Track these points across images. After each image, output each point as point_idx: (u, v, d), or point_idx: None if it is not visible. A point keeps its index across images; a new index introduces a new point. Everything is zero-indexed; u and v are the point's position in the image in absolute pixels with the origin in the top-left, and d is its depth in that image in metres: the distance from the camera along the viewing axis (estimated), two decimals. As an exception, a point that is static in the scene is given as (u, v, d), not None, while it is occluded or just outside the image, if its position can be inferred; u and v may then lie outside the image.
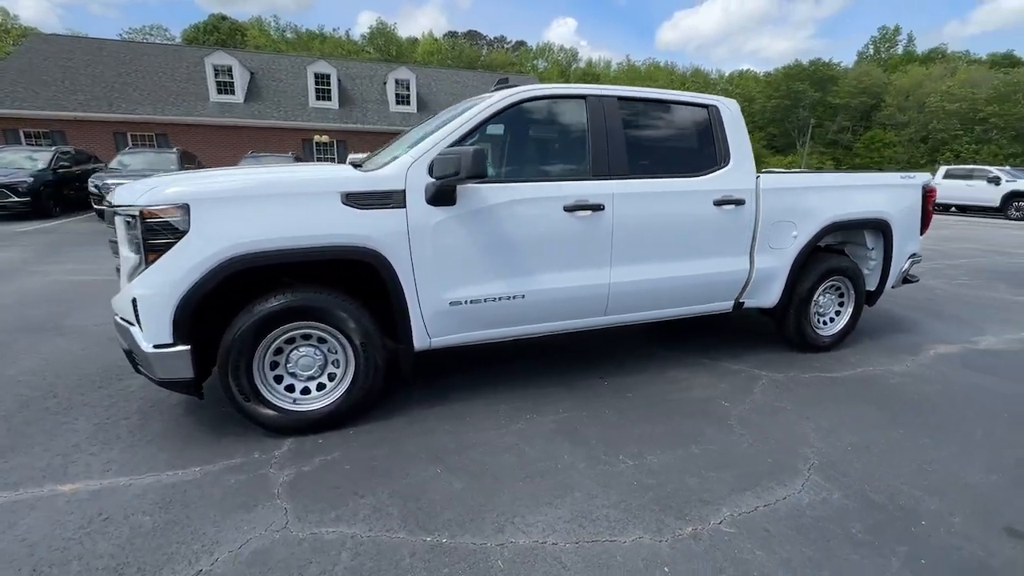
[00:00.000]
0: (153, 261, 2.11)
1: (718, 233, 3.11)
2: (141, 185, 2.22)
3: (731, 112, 3.22)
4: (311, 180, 2.33)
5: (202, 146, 17.69)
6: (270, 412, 2.34)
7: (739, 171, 3.13)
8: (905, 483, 2.15)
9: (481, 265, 2.58)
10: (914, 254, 3.93)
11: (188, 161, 12.86)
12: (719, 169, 3.10)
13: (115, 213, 2.25)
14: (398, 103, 21.44)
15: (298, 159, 14.24)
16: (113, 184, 10.57)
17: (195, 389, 2.30)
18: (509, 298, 2.66)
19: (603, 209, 2.75)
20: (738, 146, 3.17)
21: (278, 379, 2.41)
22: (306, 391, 2.46)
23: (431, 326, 2.57)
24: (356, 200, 2.32)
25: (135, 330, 2.19)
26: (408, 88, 21.41)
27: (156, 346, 2.15)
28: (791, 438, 2.51)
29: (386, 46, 60.07)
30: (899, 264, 3.83)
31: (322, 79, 20.36)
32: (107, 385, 2.96)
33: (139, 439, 2.38)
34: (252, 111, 19.43)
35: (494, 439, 2.46)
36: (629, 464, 2.27)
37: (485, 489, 2.07)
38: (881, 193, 3.62)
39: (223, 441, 2.38)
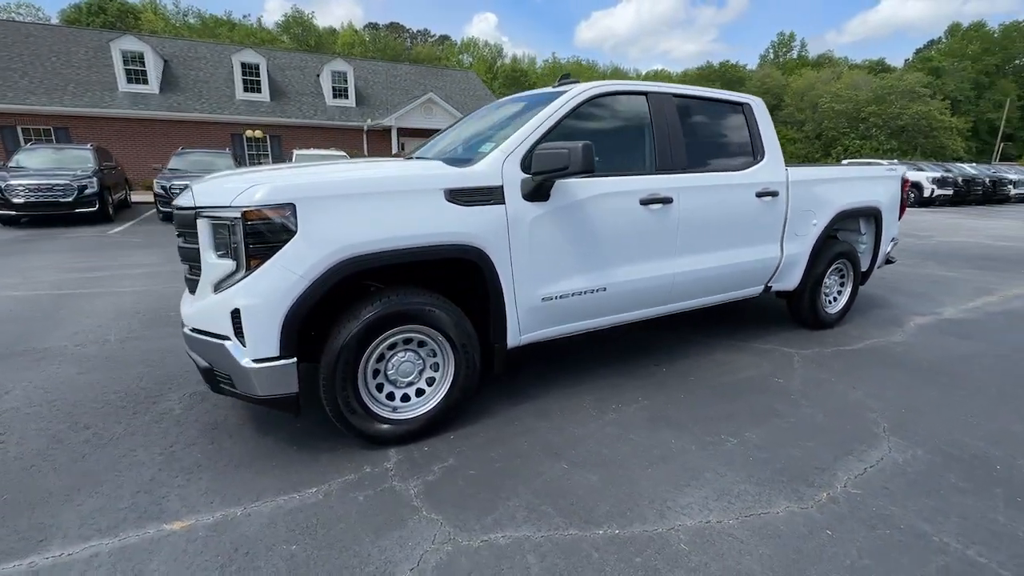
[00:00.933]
0: (256, 267, 1.92)
1: (758, 223, 3.34)
2: (233, 183, 2.00)
3: (761, 109, 3.46)
4: (415, 176, 2.22)
5: (113, 141, 15.78)
6: (383, 426, 2.22)
7: (773, 164, 3.38)
8: (965, 436, 2.46)
9: (569, 260, 2.59)
10: (894, 237, 4.43)
11: (105, 159, 11.48)
12: (757, 163, 3.32)
13: (197, 216, 2.01)
14: (335, 96, 20.37)
15: (236, 157, 13.18)
16: (21, 186, 9.22)
17: (296, 405, 2.11)
18: (592, 292, 2.70)
19: (671, 202, 2.86)
20: (769, 141, 3.41)
21: (378, 387, 2.28)
22: (405, 398, 2.35)
23: (523, 323, 2.55)
24: (459, 197, 2.24)
25: (230, 344, 1.98)
26: (346, 81, 20.40)
27: (258, 360, 1.96)
28: (852, 406, 2.77)
29: (304, 36, 56.79)
30: (885, 247, 4.30)
31: (250, 69, 18.84)
32: (142, 411, 2.64)
33: (225, 465, 2.16)
34: (170, 103, 17.57)
35: (596, 431, 2.49)
36: (733, 442, 2.40)
37: (621, 479, 2.10)
38: (874, 183, 4.05)
39: (321, 458, 2.22)
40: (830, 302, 4.10)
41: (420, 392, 2.38)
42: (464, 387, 2.41)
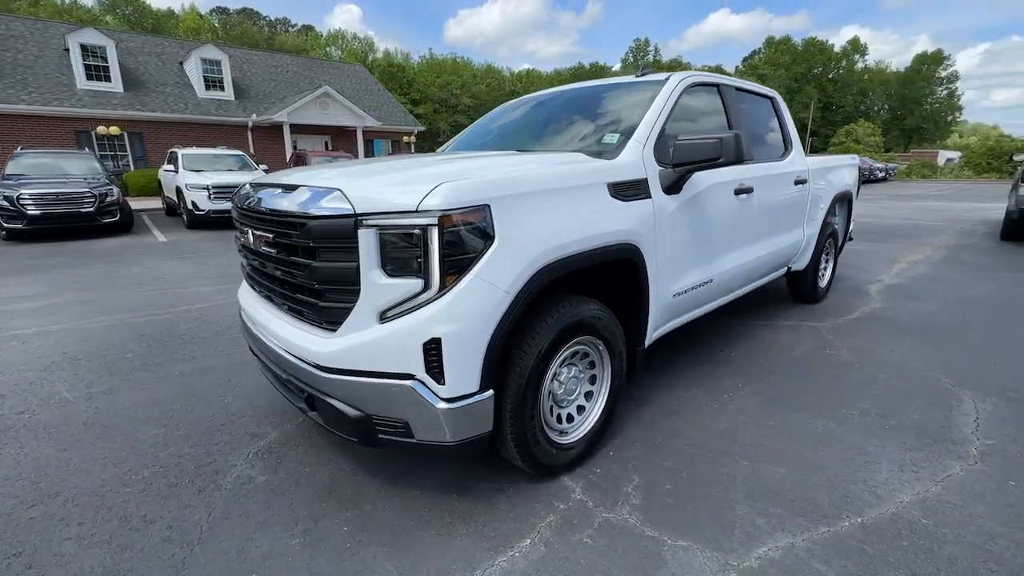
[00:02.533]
0: (453, 285, 1.55)
1: (795, 208, 3.59)
2: (406, 182, 1.59)
3: (782, 102, 3.71)
4: (582, 170, 1.97)
5: None
6: (570, 452, 1.97)
7: (799, 154, 3.65)
8: (1009, 380, 2.89)
9: (692, 253, 2.53)
10: (853, 218, 5.08)
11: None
12: (789, 153, 3.56)
13: (358, 225, 1.56)
14: (209, 88, 17.68)
15: (110, 162, 10.84)
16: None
17: (487, 446, 1.76)
18: (704, 284, 2.67)
19: (752, 191, 2.94)
20: (793, 132, 3.68)
21: (549, 410, 2.01)
22: (569, 418, 2.11)
23: (657, 321, 2.43)
24: (620, 191, 2.06)
25: (413, 384, 1.58)
26: (220, 71, 17.81)
27: (453, 399, 1.60)
28: (907, 368, 3.10)
29: (137, 18, 48.78)
30: (851, 226, 4.92)
31: (93, 53, 15.51)
32: (208, 485, 2.03)
33: (389, 534, 1.74)
34: (-20, 92, 13.84)
35: (733, 422, 2.47)
36: (857, 415, 2.54)
37: (806, 467, 2.10)
38: (847, 171, 4.59)
39: (497, 503, 1.90)
40: (820, 277, 4.58)
41: (580, 409, 2.15)
42: (616, 397, 2.24)
